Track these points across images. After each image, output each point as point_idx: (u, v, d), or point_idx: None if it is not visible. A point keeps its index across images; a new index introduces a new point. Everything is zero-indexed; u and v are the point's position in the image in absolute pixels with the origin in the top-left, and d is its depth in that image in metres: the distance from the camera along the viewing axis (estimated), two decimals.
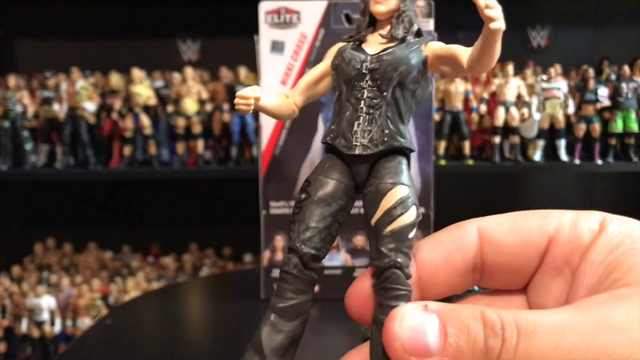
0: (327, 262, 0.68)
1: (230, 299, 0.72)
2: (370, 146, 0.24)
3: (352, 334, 0.57)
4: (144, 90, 1.37)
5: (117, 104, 1.39)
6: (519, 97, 1.37)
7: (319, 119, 0.67)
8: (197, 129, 1.39)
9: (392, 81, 0.24)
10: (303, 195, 0.24)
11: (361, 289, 0.23)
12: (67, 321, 1.37)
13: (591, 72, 1.40)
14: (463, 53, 0.25)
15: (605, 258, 0.22)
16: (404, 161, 0.25)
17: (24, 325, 1.36)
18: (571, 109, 1.37)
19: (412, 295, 0.23)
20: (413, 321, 0.20)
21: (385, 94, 0.24)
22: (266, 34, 0.66)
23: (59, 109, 1.40)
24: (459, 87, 1.35)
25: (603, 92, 1.38)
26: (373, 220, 0.23)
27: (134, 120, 1.38)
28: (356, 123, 0.24)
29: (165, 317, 0.67)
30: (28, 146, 1.40)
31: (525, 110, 1.37)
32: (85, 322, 1.35)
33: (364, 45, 0.26)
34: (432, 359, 0.19)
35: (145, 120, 1.38)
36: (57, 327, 1.37)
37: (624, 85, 1.37)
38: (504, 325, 0.19)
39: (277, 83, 0.66)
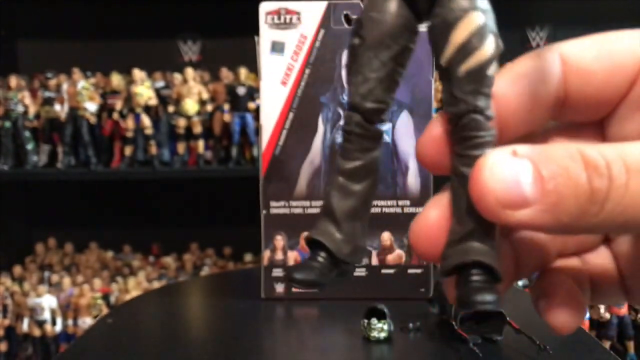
0: None
1: (230, 298, 0.72)
2: None
3: (353, 333, 0.57)
4: (144, 90, 1.38)
5: (118, 104, 1.40)
6: None
7: (319, 119, 0.67)
8: (197, 129, 1.40)
9: None
10: (356, 40, 0.20)
11: (435, 136, 0.20)
12: (68, 320, 1.38)
13: None
14: None
15: None
16: None
17: (25, 325, 1.37)
18: None
19: None
20: (504, 170, 0.17)
21: None
22: (266, 35, 0.66)
23: (60, 109, 1.40)
24: None
25: None
26: (443, 60, 0.19)
27: (135, 121, 1.38)
28: None
29: (166, 317, 0.67)
30: (29, 146, 1.40)
31: None
32: (86, 322, 1.35)
33: None
34: (531, 208, 0.17)
35: (146, 120, 1.38)
36: (58, 327, 1.37)
37: None
38: (609, 163, 0.17)
39: (277, 83, 0.66)
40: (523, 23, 1.63)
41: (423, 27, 0.20)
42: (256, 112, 1.37)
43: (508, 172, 0.17)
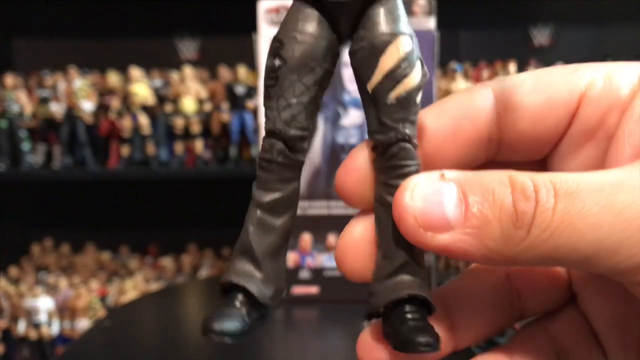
0: (327, 263, 0.67)
1: None
2: None
3: (353, 335, 0.57)
4: (142, 89, 1.37)
5: (115, 103, 1.39)
6: None
7: (318, 118, 0.67)
8: (195, 128, 1.39)
9: None
10: (277, 62, 0.18)
11: (357, 166, 0.19)
12: (65, 322, 1.36)
13: None
14: None
15: None
16: (401, 4, 0.19)
17: (21, 327, 1.36)
18: None
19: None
20: (427, 191, 0.17)
21: None
22: (265, 33, 0.65)
23: (57, 109, 1.39)
24: (460, 87, 1.34)
25: None
26: (370, 86, 0.18)
27: (132, 120, 1.37)
28: None
29: (164, 319, 0.66)
30: (25, 146, 1.39)
31: None
32: (83, 324, 1.34)
33: None
34: (452, 232, 0.16)
35: (143, 120, 1.37)
36: (55, 329, 1.36)
37: None
38: (537, 186, 0.16)
39: None
40: (526, 21, 1.62)
41: (430, 24, 0.19)
42: (255, 112, 1.36)
43: (431, 193, 0.17)
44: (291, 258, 0.68)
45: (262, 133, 0.21)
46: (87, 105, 1.38)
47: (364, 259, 0.19)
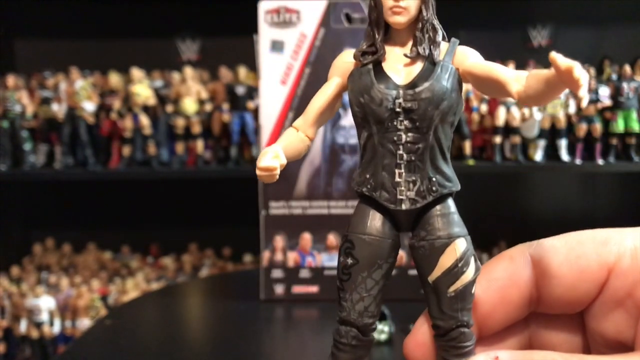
0: (327, 262, 0.68)
1: (230, 299, 0.71)
2: (417, 199, 0.22)
3: None
4: (143, 90, 1.37)
5: (117, 103, 1.39)
6: None
7: None
8: (196, 129, 1.39)
9: (433, 120, 0.22)
10: (350, 261, 0.22)
11: (421, 341, 0.24)
12: (66, 322, 1.37)
13: (592, 71, 1.39)
14: (511, 81, 0.22)
15: None
16: (452, 204, 0.23)
17: (23, 326, 1.36)
18: (572, 109, 1.37)
19: None
20: None
21: (426, 135, 0.22)
22: (266, 34, 0.66)
23: (58, 109, 1.39)
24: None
25: (604, 91, 1.37)
26: (431, 278, 0.22)
27: (133, 120, 1.37)
28: (397, 172, 0.22)
29: (165, 318, 0.66)
30: (27, 146, 1.40)
31: (526, 110, 1.36)
32: (85, 323, 1.35)
33: (385, 68, 0.23)
34: None
35: (144, 120, 1.37)
36: (56, 328, 1.36)
37: (625, 85, 1.37)
38: None
39: (277, 83, 0.66)
40: (524, 22, 1.62)
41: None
42: (255, 112, 1.36)
43: None
44: (291, 257, 0.69)
45: (264, 132, 0.23)
46: (89, 106, 1.38)
47: None
